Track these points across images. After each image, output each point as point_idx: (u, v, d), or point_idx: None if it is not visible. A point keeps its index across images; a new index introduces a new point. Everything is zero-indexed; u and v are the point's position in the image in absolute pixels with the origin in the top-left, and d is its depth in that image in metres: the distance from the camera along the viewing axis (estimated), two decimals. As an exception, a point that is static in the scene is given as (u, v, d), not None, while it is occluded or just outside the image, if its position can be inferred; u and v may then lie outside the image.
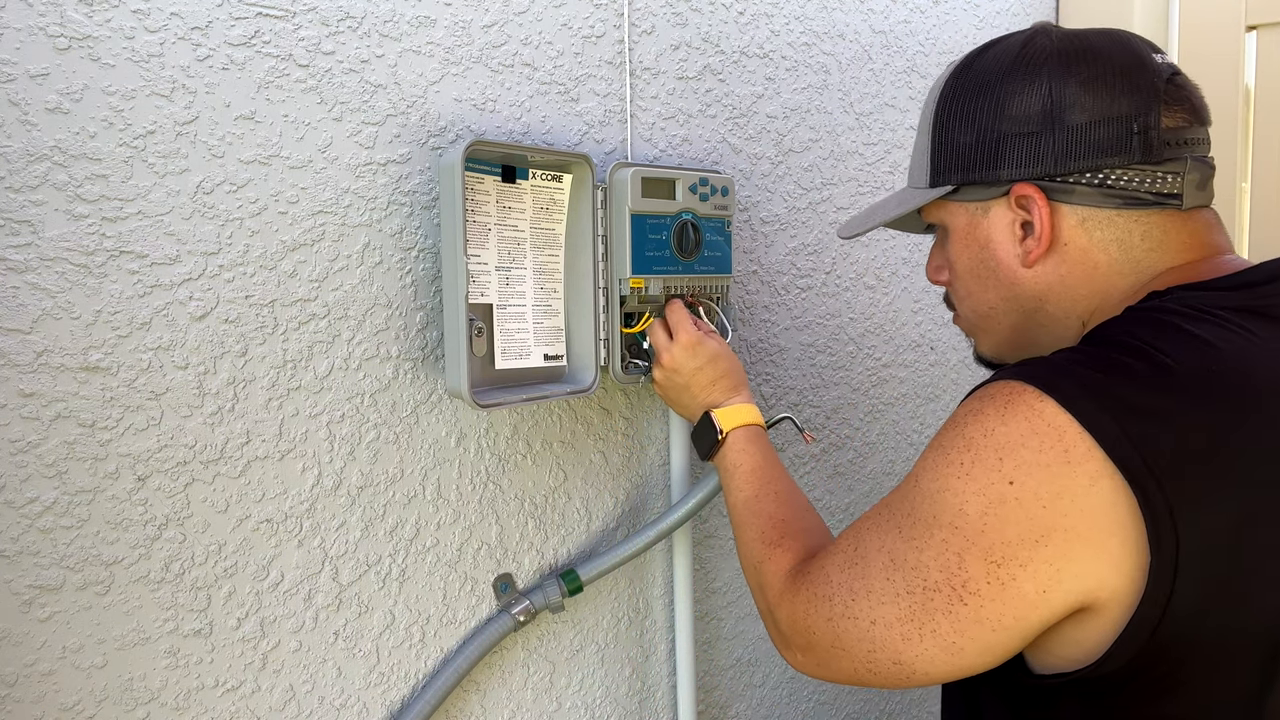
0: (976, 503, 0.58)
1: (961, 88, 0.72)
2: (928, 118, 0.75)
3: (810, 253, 1.28)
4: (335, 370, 0.86)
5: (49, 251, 0.71)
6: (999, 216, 0.71)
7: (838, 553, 0.68)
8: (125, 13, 0.73)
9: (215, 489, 0.80)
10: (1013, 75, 0.69)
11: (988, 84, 0.70)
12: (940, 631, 0.60)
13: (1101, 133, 0.66)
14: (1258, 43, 1.52)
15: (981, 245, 0.73)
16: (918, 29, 1.40)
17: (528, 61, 0.96)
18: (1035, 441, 0.56)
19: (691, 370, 0.92)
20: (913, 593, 0.60)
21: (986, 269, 0.73)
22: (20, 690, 0.72)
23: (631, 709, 1.14)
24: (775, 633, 0.74)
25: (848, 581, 0.65)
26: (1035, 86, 0.68)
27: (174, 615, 0.79)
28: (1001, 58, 0.71)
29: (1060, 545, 0.55)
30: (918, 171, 0.77)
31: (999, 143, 0.69)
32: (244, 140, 0.79)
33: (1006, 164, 0.69)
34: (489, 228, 0.90)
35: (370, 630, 0.91)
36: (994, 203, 0.71)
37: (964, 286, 0.77)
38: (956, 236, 0.75)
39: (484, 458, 0.97)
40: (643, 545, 1.03)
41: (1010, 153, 0.69)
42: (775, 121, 1.22)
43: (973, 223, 0.73)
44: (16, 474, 0.71)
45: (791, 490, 0.85)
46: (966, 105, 0.71)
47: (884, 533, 0.64)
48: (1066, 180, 0.67)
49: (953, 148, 0.72)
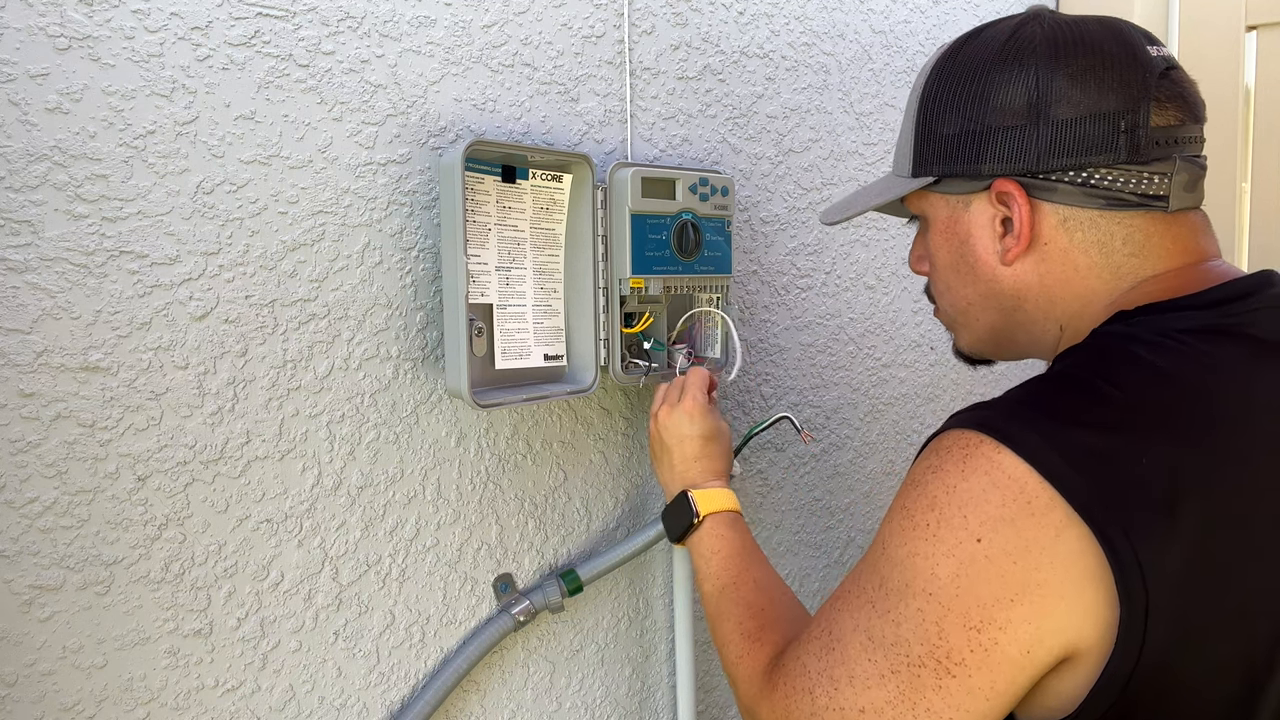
0: (947, 565, 0.55)
1: (947, 74, 0.69)
2: (913, 104, 0.72)
3: (810, 253, 1.28)
4: (335, 370, 0.86)
5: (49, 251, 0.71)
6: (980, 211, 0.69)
7: (812, 639, 0.63)
8: (125, 13, 0.73)
9: (215, 489, 0.80)
10: (1000, 64, 0.66)
11: (974, 72, 0.67)
12: (935, 709, 0.56)
13: (1087, 129, 0.63)
14: (1258, 43, 1.52)
15: (961, 240, 0.71)
16: (918, 29, 1.40)
17: (528, 61, 0.96)
18: (997, 495, 0.54)
19: (682, 436, 0.89)
20: (897, 671, 0.57)
21: (965, 264, 0.71)
22: (20, 690, 0.72)
23: (631, 709, 1.14)
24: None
25: (827, 670, 0.61)
26: (1022, 77, 0.65)
27: (174, 615, 0.79)
28: (990, 44, 0.68)
29: (1036, 602, 0.54)
30: (901, 159, 0.74)
31: (982, 135, 0.66)
32: (244, 140, 0.79)
33: (989, 158, 0.66)
34: (489, 228, 0.90)
35: (370, 630, 0.91)
36: (975, 196, 0.69)
37: (943, 280, 0.75)
38: (937, 229, 0.73)
39: (484, 458, 0.97)
40: (643, 545, 1.03)
41: (993, 146, 0.66)
42: (775, 121, 1.22)
43: (954, 216, 0.71)
44: (16, 474, 0.71)
45: (770, 577, 0.81)
46: (951, 93, 0.68)
47: (857, 610, 0.60)
48: (1049, 178, 0.65)
49: (936, 137, 0.69)
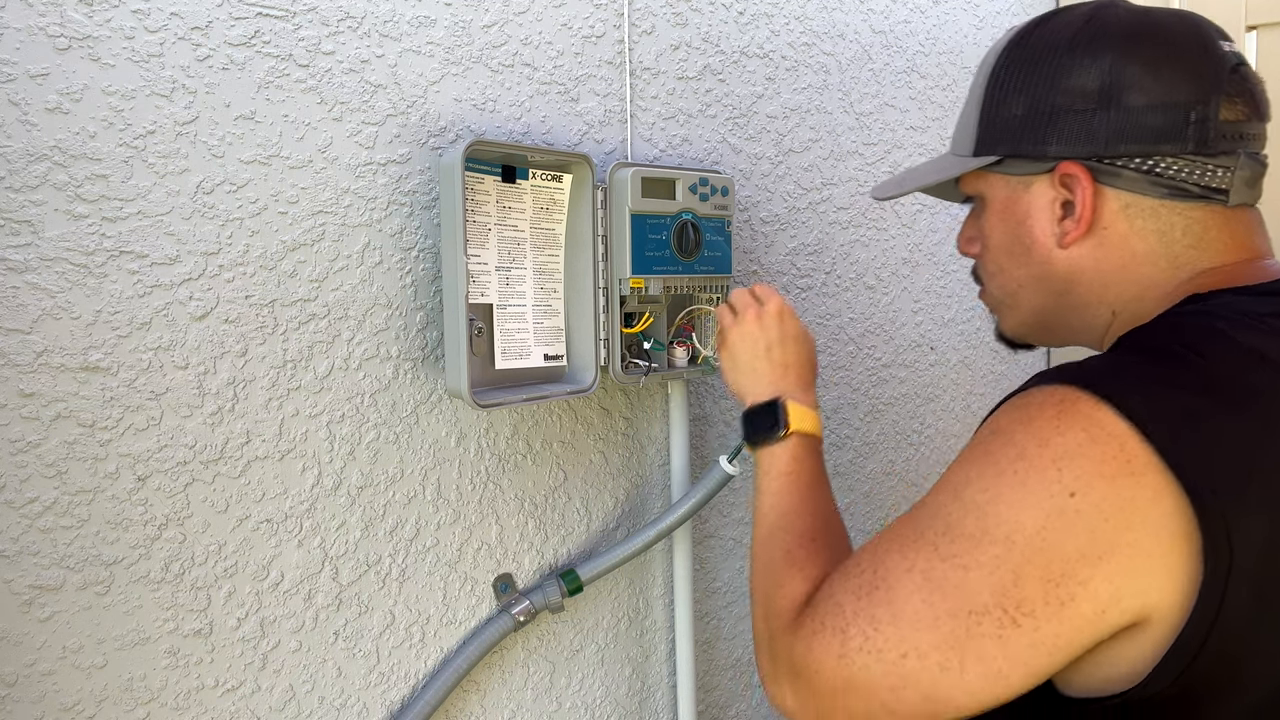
0: (1034, 515, 0.54)
1: (1018, 58, 0.69)
2: (979, 85, 0.73)
3: (810, 253, 1.28)
4: (335, 370, 0.86)
5: (49, 251, 0.71)
6: (1040, 193, 0.69)
7: (850, 578, 0.61)
8: (125, 13, 0.73)
9: (215, 489, 0.80)
10: (1073, 48, 0.66)
11: (1046, 55, 0.67)
12: (987, 658, 0.54)
13: (1158, 118, 0.63)
14: (1258, 43, 1.52)
15: (1018, 221, 0.71)
16: (918, 29, 1.40)
17: (528, 61, 0.96)
18: (1096, 451, 0.53)
19: (775, 340, 0.86)
20: (955, 616, 0.55)
21: (1020, 245, 0.71)
22: (20, 690, 0.72)
23: (631, 709, 1.14)
24: (768, 662, 0.67)
25: (867, 609, 0.59)
26: (1096, 62, 0.65)
27: (174, 615, 0.79)
28: (1063, 29, 0.68)
29: (1123, 561, 0.53)
30: (962, 139, 0.74)
31: (1051, 117, 0.66)
32: (244, 140, 0.79)
33: (1056, 140, 0.66)
34: (489, 228, 0.90)
35: (370, 630, 0.91)
36: (1037, 178, 0.69)
37: (995, 261, 0.75)
38: (993, 209, 0.73)
39: (484, 458, 0.97)
40: (643, 545, 1.03)
41: (1061, 128, 0.66)
42: (775, 121, 1.22)
43: (1012, 196, 0.71)
44: (16, 474, 0.71)
45: (832, 511, 0.78)
46: (1021, 76, 0.69)
47: (914, 552, 0.58)
48: (1115, 163, 0.65)
49: (1002, 118, 0.70)
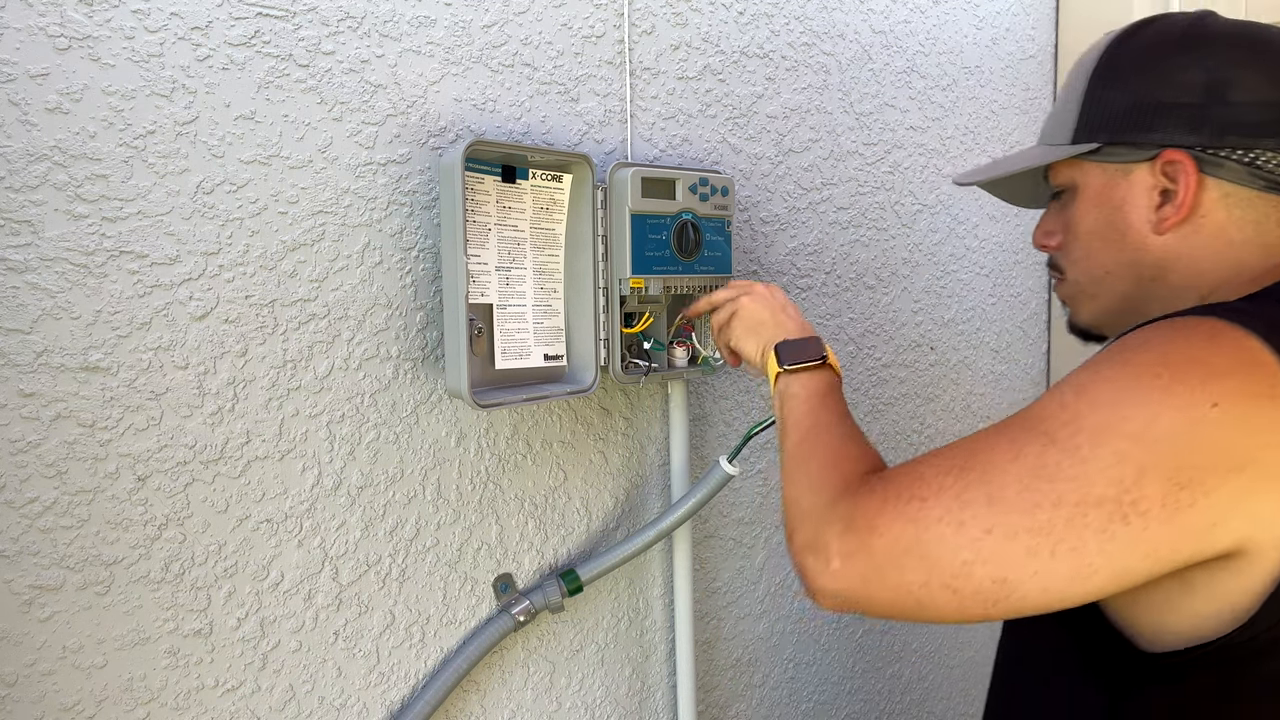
0: (1172, 418, 0.54)
1: (1123, 53, 0.73)
2: (1079, 79, 0.75)
3: (810, 253, 1.28)
4: (335, 370, 0.86)
5: (49, 251, 0.71)
6: (1139, 180, 0.71)
7: (941, 459, 0.60)
8: (125, 13, 0.73)
9: (215, 489, 0.80)
10: (1181, 46, 0.70)
11: (1152, 51, 0.71)
12: (1082, 551, 0.54)
13: (1260, 114, 0.67)
14: (1258, 43, 1.51)
15: (1115, 207, 0.73)
16: (918, 29, 1.40)
17: (528, 61, 0.96)
18: (1244, 372, 0.55)
19: (785, 302, 0.91)
20: (1059, 505, 0.55)
21: (1114, 230, 0.73)
22: (20, 690, 0.72)
23: (631, 709, 1.14)
24: (810, 528, 0.64)
25: (955, 486, 0.58)
26: (1203, 60, 0.68)
27: (174, 615, 0.79)
28: (1169, 30, 0.71)
29: (1251, 479, 0.53)
30: (1056, 130, 0.77)
31: (1156, 108, 0.69)
32: (244, 140, 0.79)
33: (1161, 129, 0.69)
34: (489, 228, 0.90)
35: (370, 630, 0.91)
36: (1137, 166, 0.71)
37: (1083, 248, 0.76)
38: (1087, 195, 0.75)
39: (484, 458, 0.97)
40: (643, 545, 1.03)
41: (1167, 119, 0.69)
42: (775, 121, 1.22)
43: (1110, 183, 0.73)
44: (16, 474, 0.71)
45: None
46: (1126, 69, 0.72)
47: (1024, 441, 0.58)
48: (1218, 154, 0.67)
49: (1104, 107, 0.72)
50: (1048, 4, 1.65)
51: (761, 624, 1.29)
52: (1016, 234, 1.62)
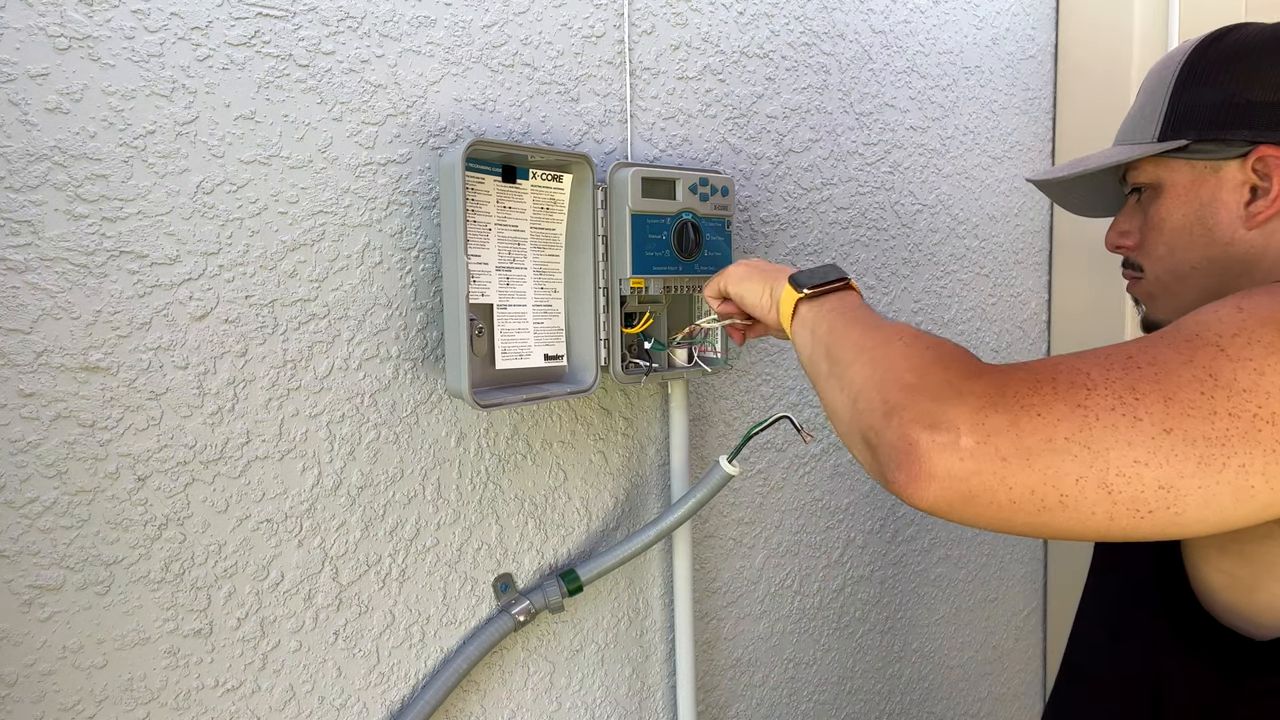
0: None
1: (1210, 56, 0.75)
2: (1164, 79, 0.77)
3: (810, 253, 1.28)
4: (335, 370, 0.86)
5: (49, 251, 0.71)
6: (1229, 177, 0.73)
7: (1092, 354, 0.55)
8: (125, 13, 0.73)
9: (215, 489, 0.80)
10: (1268, 48, 0.72)
11: (1241, 54, 0.73)
12: (1249, 469, 0.50)
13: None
14: (1258, 43, 1.51)
15: (1204, 203, 0.74)
16: (918, 29, 1.40)
17: (528, 61, 0.96)
18: None
19: (772, 262, 0.90)
20: (1236, 416, 0.51)
21: (1202, 226, 0.74)
22: (20, 690, 0.72)
23: (631, 709, 1.14)
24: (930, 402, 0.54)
25: (1125, 379, 0.52)
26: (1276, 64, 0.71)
27: (174, 615, 0.79)
28: (1256, 35, 0.74)
29: None
30: (1140, 129, 0.79)
31: (1247, 106, 0.71)
32: (244, 140, 0.79)
33: (1252, 126, 0.71)
34: (489, 228, 0.90)
35: (370, 630, 0.91)
36: (1227, 163, 0.73)
37: (1166, 244, 0.77)
38: (1173, 193, 0.76)
39: (484, 458, 0.97)
40: (643, 545, 1.03)
41: (1258, 116, 0.71)
42: (775, 121, 1.22)
43: (1198, 179, 0.75)
44: (16, 474, 0.71)
45: None
46: (1214, 70, 0.74)
47: (1190, 350, 0.53)
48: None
49: (1191, 107, 0.74)
50: (1048, 4, 1.65)
51: (761, 624, 1.29)
52: (1016, 234, 1.62)
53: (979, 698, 1.69)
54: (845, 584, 1.41)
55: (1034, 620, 1.79)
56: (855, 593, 1.43)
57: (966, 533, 1.62)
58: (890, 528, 1.47)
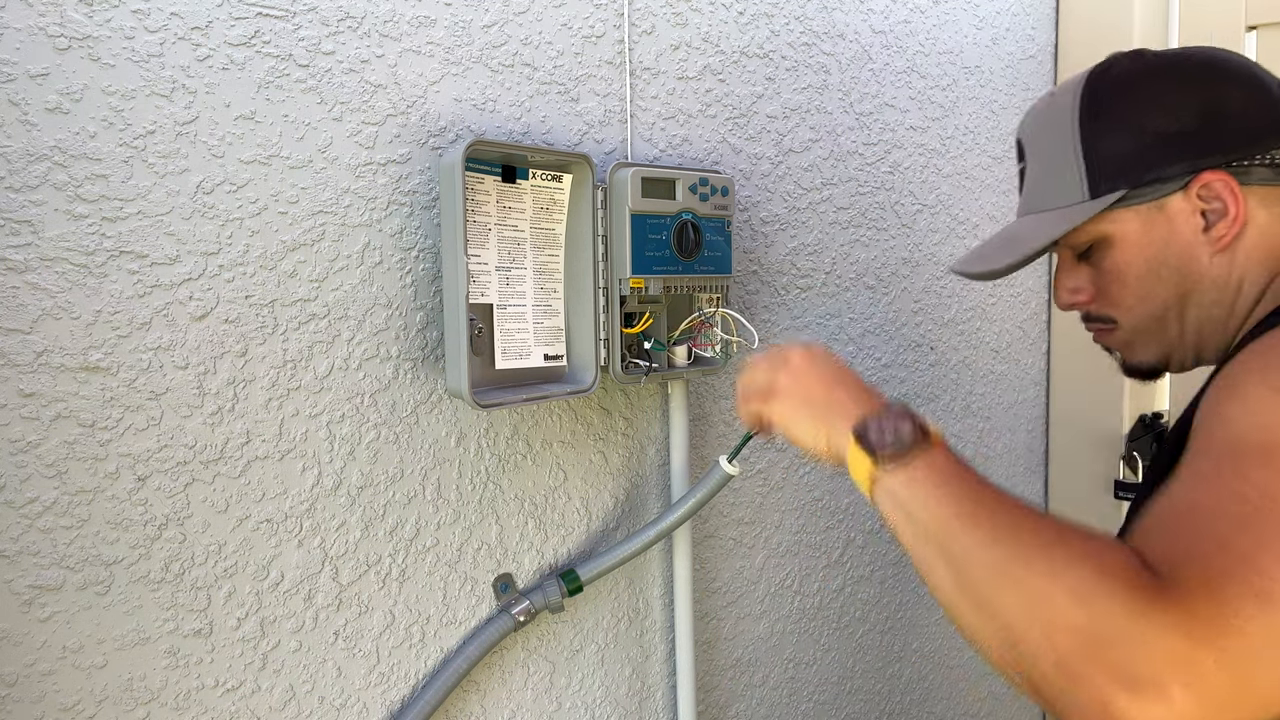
0: None
1: (1101, 98, 0.74)
2: (1061, 133, 0.76)
3: (810, 253, 1.28)
4: (335, 370, 0.86)
5: (49, 251, 0.71)
6: (1177, 210, 0.72)
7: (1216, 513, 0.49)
8: (125, 13, 0.73)
9: (215, 489, 0.80)
10: (1157, 79, 0.72)
11: (1138, 88, 0.73)
12: None
13: (1262, 118, 0.70)
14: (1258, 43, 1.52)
15: (1162, 243, 0.73)
16: (918, 29, 1.40)
17: (528, 61, 0.96)
18: None
19: (838, 367, 0.72)
20: None
21: (1168, 266, 0.73)
22: (20, 690, 0.72)
23: (631, 709, 1.14)
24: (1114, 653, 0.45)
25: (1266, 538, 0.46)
26: (1194, 84, 0.71)
27: (174, 615, 0.79)
28: (1132, 69, 0.74)
29: None
30: (1060, 190, 0.76)
31: (1169, 139, 0.71)
32: (244, 140, 0.79)
33: (1183, 157, 0.70)
34: (489, 228, 0.90)
35: (370, 630, 0.91)
36: (1169, 199, 0.72)
37: (1135, 293, 0.75)
38: (1126, 243, 0.74)
39: (484, 458, 0.97)
40: (642, 545, 1.03)
41: (1185, 146, 0.70)
42: (775, 121, 1.22)
43: (1148, 223, 0.73)
44: (16, 474, 0.71)
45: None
46: (1118, 110, 0.73)
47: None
48: (1243, 163, 0.70)
49: (1111, 155, 0.73)
50: (1048, 4, 1.65)
51: (761, 624, 1.29)
52: (1016, 234, 1.62)
53: (979, 697, 1.69)
54: (845, 584, 1.41)
55: (1034, 620, 1.79)
56: (855, 593, 1.43)
57: (966, 533, 1.61)
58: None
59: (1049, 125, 0.77)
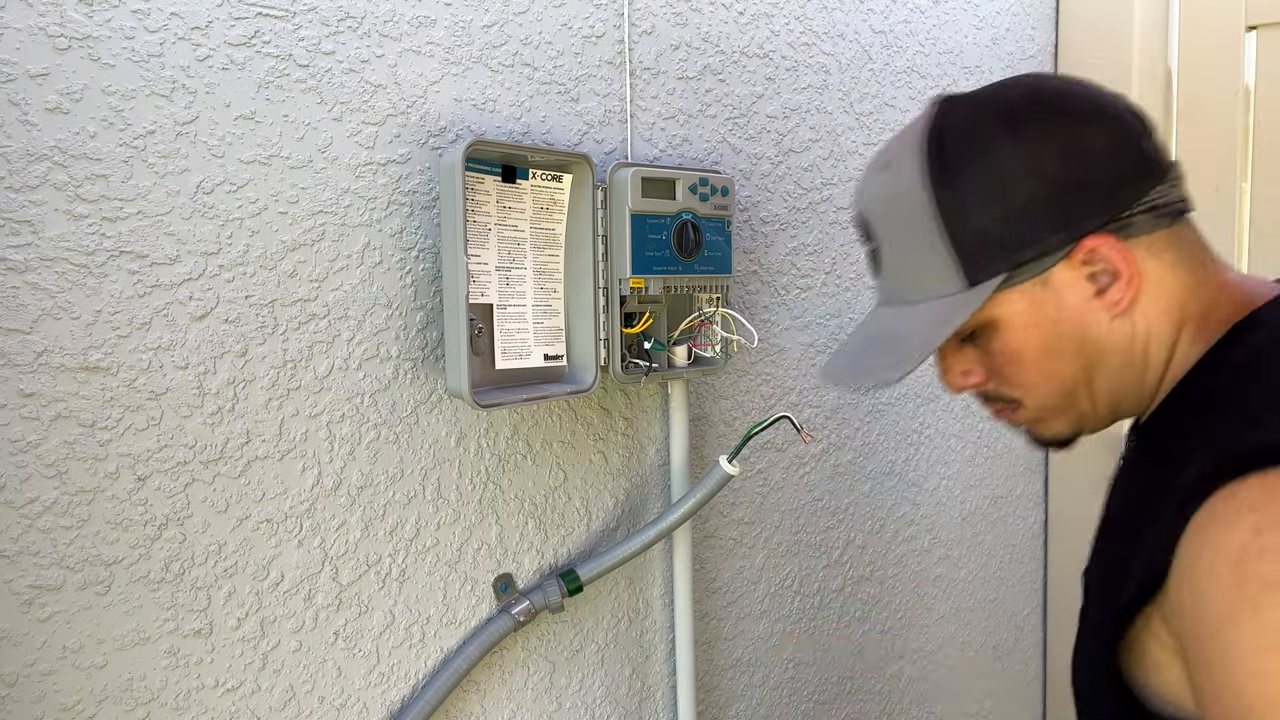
0: None
1: (949, 164, 0.66)
2: (918, 213, 0.67)
3: (810, 253, 1.28)
4: (335, 370, 0.86)
5: (49, 251, 0.71)
6: (1063, 280, 0.66)
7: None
8: (125, 13, 0.73)
9: (215, 489, 0.80)
10: (1004, 130, 0.64)
11: (980, 149, 0.65)
12: None
13: (1129, 155, 0.64)
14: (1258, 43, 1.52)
15: (1053, 321, 0.66)
16: (918, 29, 1.40)
17: (528, 61, 0.96)
18: None
19: None
20: None
21: (1067, 340, 0.67)
22: (20, 690, 0.72)
23: (631, 709, 1.14)
24: None
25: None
26: (1040, 134, 0.64)
27: (174, 615, 0.79)
28: (971, 123, 0.66)
29: None
30: (933, 280, 0.68)
31: (1038, 205, 0.64)
32: (244, 140, 0.79)
33: (1059, 223, 0.64)
34: (489, 228, 0.90)
35: (370, 630, 0.91)
36: (1052, 271, 0.65)
37: (1036, 372, 0.69)
38: (1014, 324, 0.68)
39: (484, 458, 0.97)
40: (642, 545, 1.03)
41: (1058, 211, 0.64)
42: (775, 121, 1.22)
43: (1034, 300, 0.66)
44: (16, 474, 0.71)
45: None
46: (970, 180, 0.65)
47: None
48: (1121, 216, 0.64)
49: (980, 235, 0.65)
50: (1048, 4, 1.65)
51: (761, 624, 1.29)
52: (1016, 234, 1.62)
53: (979, 698, 1.69)
54: (845, 584, 1.41)
55: (1034, 620, 1.79)
56: (855, 593, 1.43)
57: (966, 532, 1.62)
58: (890, 528, 1.47)
59: (898, 203, 0.68)
